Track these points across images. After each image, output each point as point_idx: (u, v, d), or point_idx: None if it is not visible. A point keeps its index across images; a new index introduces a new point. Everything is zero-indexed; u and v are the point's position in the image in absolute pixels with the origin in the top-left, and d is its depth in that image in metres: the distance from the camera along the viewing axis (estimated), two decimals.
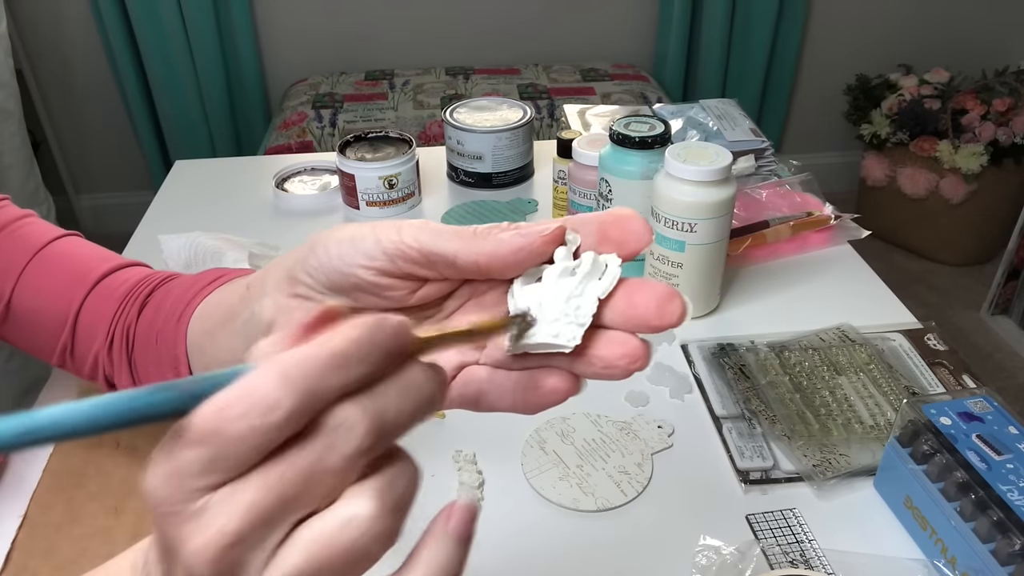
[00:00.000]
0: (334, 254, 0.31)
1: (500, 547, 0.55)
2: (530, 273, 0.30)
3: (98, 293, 0.55)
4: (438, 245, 0.29)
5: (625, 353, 0.28)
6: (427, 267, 0.30)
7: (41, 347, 0.57)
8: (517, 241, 0.28)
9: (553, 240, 0.29)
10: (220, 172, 1.10)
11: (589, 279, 0.28)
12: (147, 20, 2.05)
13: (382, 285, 0.31)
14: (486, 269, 0.29)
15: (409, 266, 0.30)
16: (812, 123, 2.52)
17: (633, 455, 0.61)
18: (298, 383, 0.21)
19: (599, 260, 0.29)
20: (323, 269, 0.32)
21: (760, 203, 0.89)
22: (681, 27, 2.23)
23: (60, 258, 0.57)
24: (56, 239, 0.58)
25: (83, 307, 0.55)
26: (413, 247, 0.30)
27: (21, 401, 1.36)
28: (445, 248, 0.29)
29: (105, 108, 2.27)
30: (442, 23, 2.24)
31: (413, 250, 0.30)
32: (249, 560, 0.22)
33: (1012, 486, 0.48)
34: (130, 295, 0.54)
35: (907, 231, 2.23)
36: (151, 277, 0.56)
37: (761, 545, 0.53)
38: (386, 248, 0.30)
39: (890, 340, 0.72)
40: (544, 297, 0.29)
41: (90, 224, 2.41)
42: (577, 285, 0.28)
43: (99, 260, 0.57)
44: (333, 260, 0.31)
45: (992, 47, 2.35)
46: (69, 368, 0.57)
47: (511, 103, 1.03)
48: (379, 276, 0.31)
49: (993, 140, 2.00)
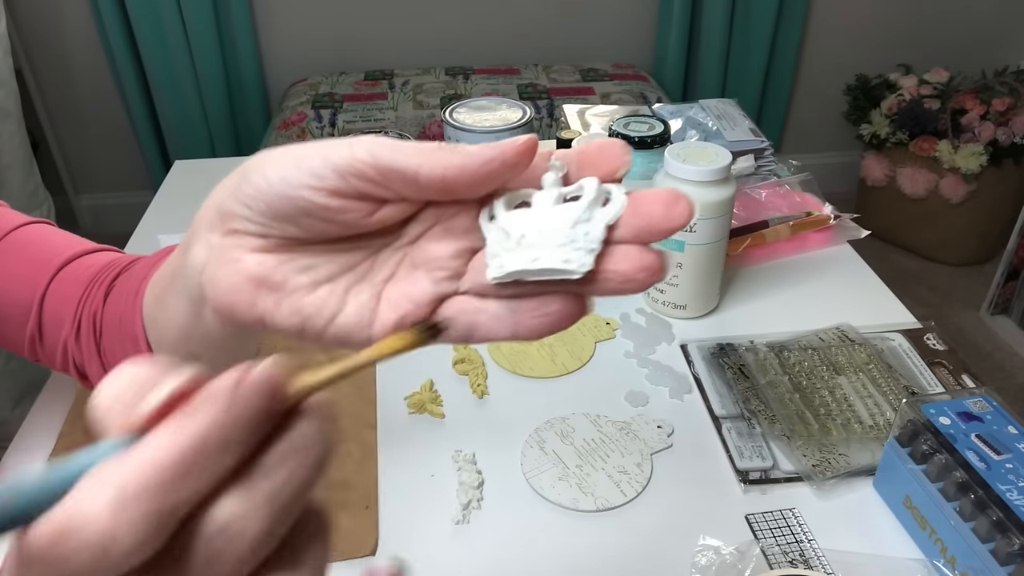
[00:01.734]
0: (274, 178, 0.28)
1: (500, 547, 0.55)
2: (508, 199, 0.28)
3: (63, 278, 0.51)
4: (397, 160, 0.26)
5: (643, 266, 0.26)
6: (384, 185, 0.27)
7: (11, 337, 0.54)
8: (488, 151, 0.26)
9: (527, 151, 0.26)
10: (220, 172, 1.08)
11: (595, 205, 0.27)
12: (147, 20, 2.05)
13: (333, 208, 0.28)
14: (453, 185, 0.27)
15: (364, 184, 0.27)
16: (812, 123, 2.52)
17: (633, 455, 0.61)
18: (140, 507, 0.18)
19: (603, 187, 0.28)
20: (261, 196, 0.28)
21: (760, 203, 0.89)
22: (681, 27, 2.23)
23: (26, 244, 0.53)
24: (23, 225, 0.54)
25: (48, 293, 0.51)
26: (367, 162, 0.27)
27: (21, 401, 1.36)
28: (406, 163, 0.26)
29: (105, 108, 2.27)
30: (442, 23, 2.24)
31: (367, 165, 0.27)
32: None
33: (1011, 486, 0.48)
34: (95, 279, 0.51)
35: (907, 231, 2.23)
36: (118, 261, 0.52)
37: (760, 545, 0.53)
38: (336, 165, 0.27)
39: (890, 340, 0.72)
40: (542, 223, 0.27)
41: (90, 224, 2.41)
42: (585, 210, 0.27)
43: (66, 245, 0.53)
44: (274, 184, 0.28)
45: (992, 47, 2.35)
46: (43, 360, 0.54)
47: (511, 103, 1.03)
48: (330, 197, 0.27)
49: (993, 140, 2.00)
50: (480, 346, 0.72)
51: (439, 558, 0.54)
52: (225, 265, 0.31)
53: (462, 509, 0.57)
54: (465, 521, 0.56)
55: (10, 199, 0.59)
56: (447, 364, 0.71)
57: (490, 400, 0.67)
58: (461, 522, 0.56)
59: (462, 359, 0.70)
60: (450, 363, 0.71)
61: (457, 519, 0.56)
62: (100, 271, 0.51)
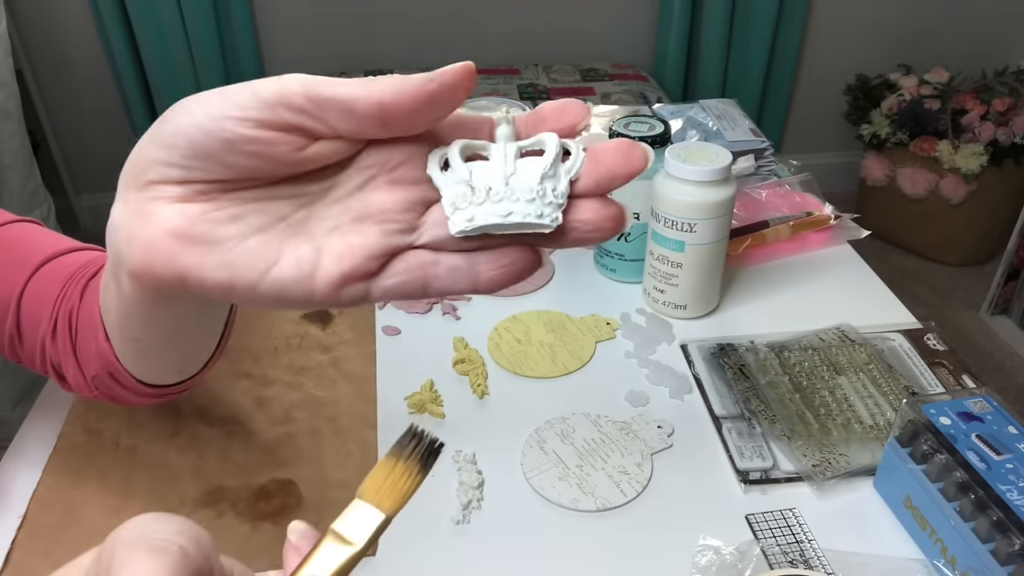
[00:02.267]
0: (197, 112, 0.26)
1: (500, 547, 0.55)
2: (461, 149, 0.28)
3: (40, 277, 0.50)
4: (329, 88, 0.26)
5: (609, 215, 0.27)
6: (316, 117, 0.26)
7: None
8: (423, 76, 0.25)
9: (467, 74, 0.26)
10: None
11: (558, 160, 0.28)
12: (147, 20, 2.05)
13: (261, 139, 0.26)
14: (391, 112, 0.26)
15: (294, 115, 0.26)
16: (812, 123, 2.52)
17: (633, 455, 0.61)
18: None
19: (562, 141, 0.28)
20: (183, 132, 0.26)
21: (760, 203, 0.89)
22: (681, 27, 2.23)
23: (8, 242, 0.52)
24: (6, 224, 0.53)
25: (25, 292, 0.50)
26: (297, 91, 0.26)
27: (21, 401, 1.36)
28: (339, 91, 0.25)
29: (105, 108, 2.27)
30: (442, 23, 2.24)
31: (297, 95, 0.26)
32: None
33: (1011, 486, 0.48)
34: (73, 278, 0.49)
35: (907, 231, 2.23)
36: (98, 259, 0.51)
37: (761, 545, 0.53)
38: (263, 96, 0.26)
39: (890, 340, 0.72)
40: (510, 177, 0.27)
41: (90, 224, 2.41)
42: (550, 166, 0.27)
43: (49, 244, 0.52)
44: (196, 117, 0.26)
45: (992, 47, 2.35)
46: (24, 361, 0.53)
47: (511, 103, 1.03)
48: (256, 128, 0.26)
49: (993, 140, 2.00)
50: (480, 346, 0.72)
51: (439, 558, 0.54)
52: (140, 219, 0.29)
53: (462, 509, 0.57)
54: (465, 521, 0.56)
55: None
56: (447, 364, 0.71)
57: (490, 400, 0.67)
58: (461, 522, 0.56)
59: (462, 359, 0.70)
60: (450, 363, 0.71)
61: (457, 519, 0.56)
62: (78, 270, 0.50)
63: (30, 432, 0.65)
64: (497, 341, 0.73)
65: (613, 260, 0.80)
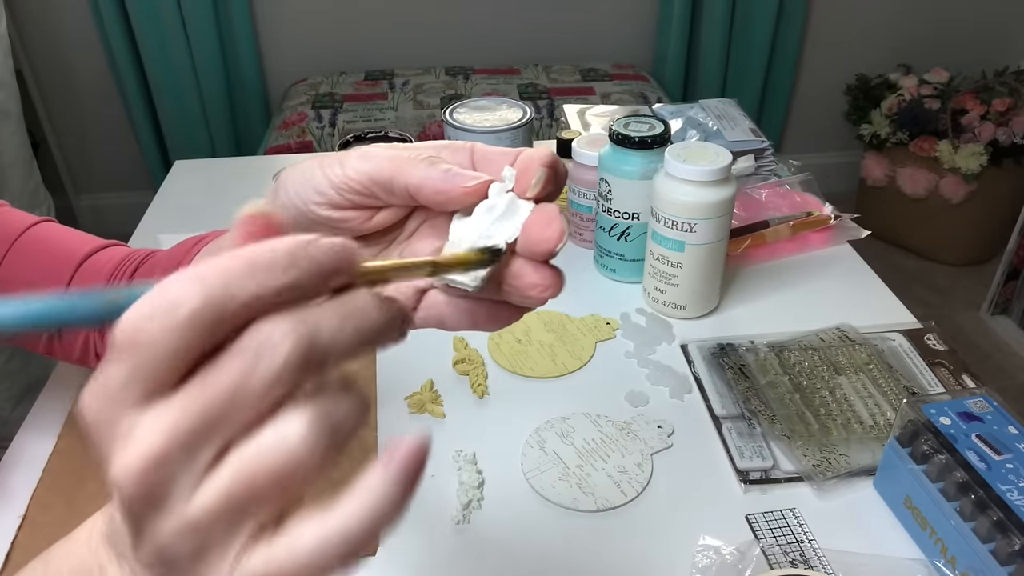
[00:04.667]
0: (292, 193, 0.32)
1: (500, 547, 0.55)
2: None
3: (84, 273, 0.55)
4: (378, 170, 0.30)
5: (535, 283, 0.29)
6: (372, 196, 0.31)
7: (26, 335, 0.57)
8: (439, 185, 0.30)
9: (475, 193, 0.30)
10: (220, 172, 1.09)
11: (505, 219, 0.29)
12: (147, 20, 2.05)
13: (335, 219, 0.32)
14: (416, 198, 0.30)
15: (356, 197, 0.31)
16: (812, 123, 2.52)
17: (633, 455, 0.61)
18: (207, 281, 0.21)
19: (517, 202, 0.30)
20: (288, 208, 0.32)
21: (760, 203, 0.89)
22: (681, 27, 2.23)
23: (40, 244, 0.57)
24: (32, 226, 0.58)
25: (70, 288, 0.54)
26: (355, 178, 0.31)
27: (21, 401, 1.36)
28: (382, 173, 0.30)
29: (105, 108, 2.27)
30: (442, 23, 2.24)
31: (355, 181, 0.31)
32: (176, 481, 0.21)
33: (1012, 486, 0.48)
34: (116, 272, 0.55)
35: (907, 231, 2.23)
36: (134, 255, 0.57)
37: (761, 545, 0.53)
38: (333, 182, 0.31)
39: (890, 340, 0.72)
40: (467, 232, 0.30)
41: (90, 224, 2.41)
42: (489, 225, 0.29)
43: (79, 243, 0.58)
44: (293, 199, 0.32)
45: (992, 47, 2.35)
46: (57, 354, 0.57)
47: (511, 103, 1.03)
48: (331, 210, 0.32)
49: (993, 140, 2.00)
50: (480, 346, 0.72)
51: (439, 558, 0.54)
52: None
53: (462, 509, 0.57)
54: (465, 521, 0.56)
55: (11, 199, 0.60)
56: (447, 364, 0.71)
57: (490, 400, 0.67)
58: (461, 522, 0.56)
59: (462, 359, 0.70)
60: (450, 363, 0.71)
61: (457, 519, 0.56)
62: (119, 264, 0.55)
63: (30, 432, 0.65)
64: (497, 341, 0.73)
65: (613, 260, 0.80)
